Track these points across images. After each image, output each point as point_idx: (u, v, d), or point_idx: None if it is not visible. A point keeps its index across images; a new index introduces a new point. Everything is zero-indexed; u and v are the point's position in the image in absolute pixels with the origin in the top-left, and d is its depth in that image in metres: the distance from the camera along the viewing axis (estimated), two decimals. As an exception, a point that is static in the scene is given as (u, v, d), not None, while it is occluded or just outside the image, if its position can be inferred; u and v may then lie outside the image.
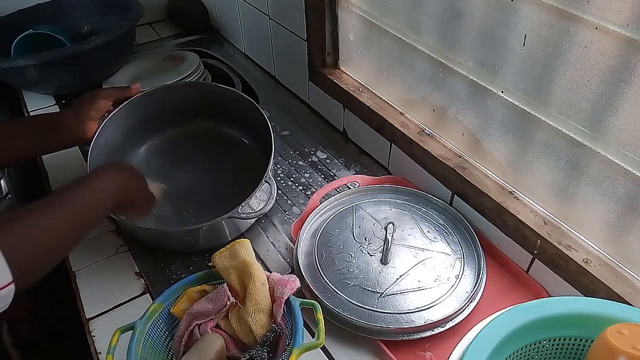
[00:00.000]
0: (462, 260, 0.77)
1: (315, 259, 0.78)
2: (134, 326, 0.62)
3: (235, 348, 0.66)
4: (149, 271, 0.81)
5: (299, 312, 0.63)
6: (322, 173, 0.99)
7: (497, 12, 0.66)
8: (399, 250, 0.78)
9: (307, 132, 1.11)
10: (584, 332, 0.52)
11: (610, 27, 0.54)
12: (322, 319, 0.62)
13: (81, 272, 0.80)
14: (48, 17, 1.33)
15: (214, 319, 0.66)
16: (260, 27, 1.25)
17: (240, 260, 0.66)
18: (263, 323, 0.64)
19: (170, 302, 0.68)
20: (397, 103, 0.95)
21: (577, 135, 0.63)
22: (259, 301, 0.65)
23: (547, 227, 0.71)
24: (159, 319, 0.66)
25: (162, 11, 1.62)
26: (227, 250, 0.68)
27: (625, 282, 0.63)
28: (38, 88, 1.23)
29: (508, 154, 0.75)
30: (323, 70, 1.06)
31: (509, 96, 0.70)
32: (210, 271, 0.70)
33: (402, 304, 0.71)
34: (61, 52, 1.09)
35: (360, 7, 0.93)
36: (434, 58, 0.80)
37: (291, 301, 0.65)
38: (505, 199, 0.75)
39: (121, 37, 1.17)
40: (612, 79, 0.56)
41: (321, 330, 0.61)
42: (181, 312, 0.67)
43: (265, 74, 1.34)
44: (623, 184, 0.61)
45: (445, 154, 0.84)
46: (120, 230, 0.87)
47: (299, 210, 0.91)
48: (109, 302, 0.76)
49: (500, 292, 0.75)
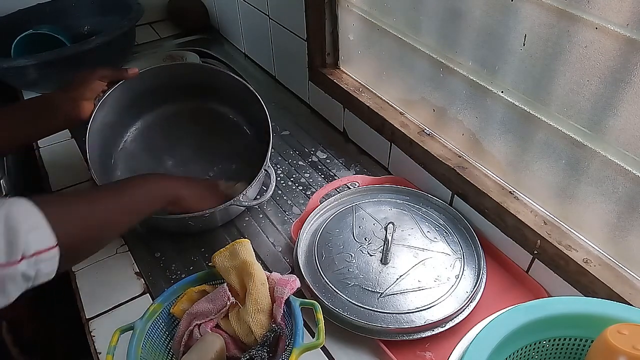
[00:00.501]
0: (462, 260, 0.77)
1: (315, 259, 0.78)
2: (134, 326, 0.62)
3: (235, 348, 0.66)
4: (149, 271, 0.81)
5: (299, 312, 0.63)
6: (322, 173, 0.99)
7: (497, 12, 0.66)
8: (399, 250, 0.78)
9: (307, 132, 1.11)
10: (584, 332, 0.52)
11: (610, 27, 0.54)
12: (322, 319, 0.62)
13: (81, 272, 0.80)
14: (48, 17, 1.33)
15: (214, 319, 0.66)
16: (260, 27, 1.25)
17: (241, 260, 0.66)
18: (263, 323, 0.64)
19: (170, 302, 0.68)
20: (397, 103, 0.95)
21: (577, 135, 0.63)
22: (259, 301, 0.65)
23: (547, 227, 0.71)
24: (159, 319, 0.66)
25: (162, 11, 1.62)
26: (227, 250, 0.68)
27: (625, 282, 0.63)
28: (38, 88, 1.23)
29: (508, 154, 0.75)
30: (323, 70, 1.06)
31: (509, 96, 0.70)
32: (210, 271, 0.70)
33: (402, 304, 0.71)
34: (61, 52, 1.10)
35: (360, 7, 0.93)
36: (434, 58, 0.80)
37: (291, 301, 0.65)
38: (505, 199, 0.75)
39: (121, 37, 1.17)
40: (612, 79, 0.56)
41: (321, 330, 0.61)
42: (181, 312, 0.67)
43: (265, 74, 1.34)
44: (623, 184, 0.61)
45: (445, 154, 0.84)
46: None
47: (299, 210, 0.91)
48: (109, 302, 0.76)
49: (500, 292, 0.75)
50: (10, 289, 0.48)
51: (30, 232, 0.48)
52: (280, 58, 1.25)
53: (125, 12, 1.23)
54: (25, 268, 0.48)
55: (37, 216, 0.50)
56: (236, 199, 0.79)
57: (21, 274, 0.48)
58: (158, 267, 0.82)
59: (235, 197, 0.79)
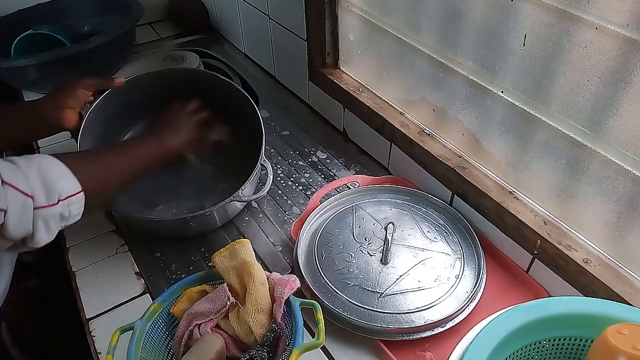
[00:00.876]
0: (462, 260, 0.77)
1: (315, 259, 0.78)
2: (134, 326, 0.62)
3: (235, 348, 0.66)
4: (149, 271, 0.81)
5: (299, 312, 0.63)
6: (322, 173, 0.99)
7: (497, 12, 0.66)
8: (399, 250, 0.78)
9: (307, 132, 1.11)
10: (584, 332, 0.52)
11: (610, 27, 0.54)
12: (322, 319, 0.62)
13: (81, 272, 0.80)
14: (48, 17, 1.33)
15: (214, 319, 0.65)
16: (260, 27, 1.25)
17: (240, 260, 0.66)
18: (263, 323, 0.64)
19: (170, 302, 0.67)
20: (397, 103, 0.95)
21: (577, 135, 0.63)
22: (259, 301, 0.65)
23: (547, 227, 0.71)
24: (159, 319, 0.66)
25: (162, 11, 1.62)
26: (227, 250, 0.68)
27: (625, 282, 0.63)
28: (38, 88, 1.23)
29: (508, 154, 0.75)
30: (323, 70, 1.06)
31: (509, 96, 0.70)
32: (210, 271, 0.70)
33: (402, 304, 0.71)
34: (61, 52, 1.09)
35: (360, 7, 0.93)
36: (434, 58, 0.80)
37: (291, 301, 0.65)
38: (505, 199, 0.75)
39: (121, 37, 1.17)
40: (612, 79, 0.56)
41: (321, 330, 0.61)
42: (181, 312, 0.67)
43: (265, 74, 1.34)
44: (623, 184, 0.61)
45: (445, 154, 0.84)
46: (120, 230, 0.87)
47: (299, 210, 0.91)
48: (109, 302, 0.76)
49: (500, 292, 0.75)
50: (52, 226, 0.57)
51: (60, 179, 0.57)
52: (280, 58, 1.25)
53: (125, 12, 1.23)
54: (61, 209, 0.57)
55: (62, 167, 0.59)
56: (235, 194, 0.79)
57: (59, 214, 0.57)
58: (158, 267, 0.82)
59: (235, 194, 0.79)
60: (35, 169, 0.55)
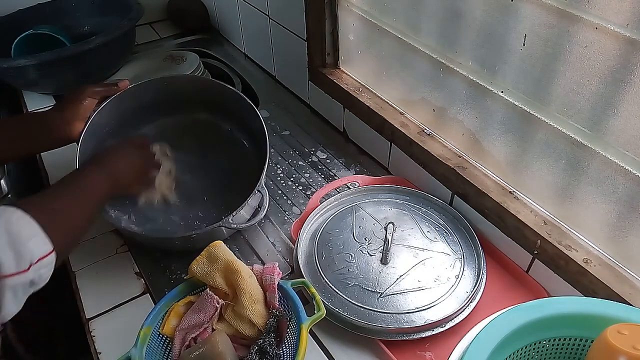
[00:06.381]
0: (462, 260, 0.77)
1: (315, 259, 0.78)
2: (131, 355, 0.61)
3: (239, 345, 0.66)
4: (149, 271, 0.81)
5: (293, 292, 0.66)
6: (322, 173, 0.99)
7: (497, 12, 0.66)
8: (399, 250, 0.78)
9: (307, 132, 1.11)
10: (584, 332, 0.52)
11: (610, 27, 0.54)
12: (316, 292, 0.65)
13: (81, 272, 0.80)
14: (48, 17, 1.33)
15: (207, 327, 0.65)
16: (260, 27, 1.25)
17: (222, 260, 0.67)
18: (261, 312, 0.66)
19: (158, 323, 0.66)
20: (397, 103, 0.95)
21: (577, 135, 0.63)
22: (253, 293, 0.66)
23: (547, 227, 0.71)
24: (152, 342, 0.64)
25: (162, 11, 1.62)
26: (202, 257, 0.69)
27: (625, 282, 0.63)
28: (38, 88, 1.23)
29: (508, 154, 0.75)
30: (323, 70, 1.06)
31: (509, 96, 0.70)
32: (190, 281, 0.69)
33: (402, 304, 0.71)
34: (61, 52, 1.09)
35: (360, 7, 0.93)
36: (434, 58, 0.80)
37: (282, 284, 0.67)
38: (505, 199, 0.75)
39: (121, 37, 1.17)
40: (612, 79, 0.56)
41: (319, 302, 0.64)
42: (172, 330, 0.66)
43: (265, 74, 1.34)
44: (623, 184, 0.61)
45: (445, 154, 0.84)
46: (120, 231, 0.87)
47: (299, 210, 0.91)
48: (109, 302, 0.75)
49: (500, 292, 0.75)
50: (20, 296, 0.50)
51: (30, 240, 0.50)
52: (280, 58, 1.25)
53: (125, 12, 1.23)
54: (32, 275, 0.50)
55: (33, 224, 0.51)
56: (224, 220, 0.76)
57: (30, 281, 0.50)
58: (158, 267, 0.82)
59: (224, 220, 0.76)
60: (3, 230, 0.48)
